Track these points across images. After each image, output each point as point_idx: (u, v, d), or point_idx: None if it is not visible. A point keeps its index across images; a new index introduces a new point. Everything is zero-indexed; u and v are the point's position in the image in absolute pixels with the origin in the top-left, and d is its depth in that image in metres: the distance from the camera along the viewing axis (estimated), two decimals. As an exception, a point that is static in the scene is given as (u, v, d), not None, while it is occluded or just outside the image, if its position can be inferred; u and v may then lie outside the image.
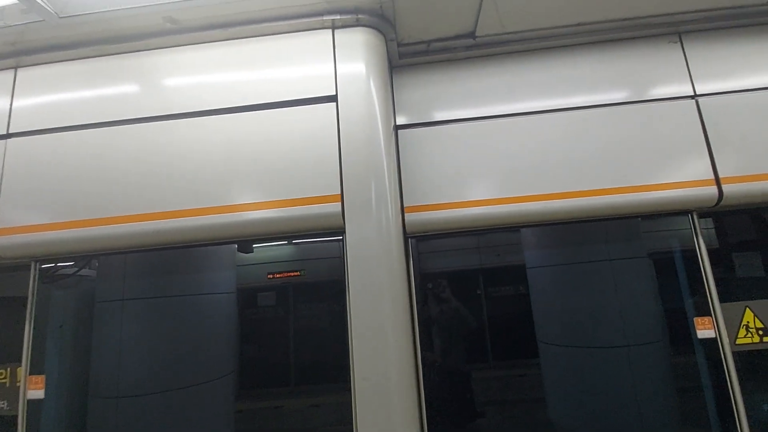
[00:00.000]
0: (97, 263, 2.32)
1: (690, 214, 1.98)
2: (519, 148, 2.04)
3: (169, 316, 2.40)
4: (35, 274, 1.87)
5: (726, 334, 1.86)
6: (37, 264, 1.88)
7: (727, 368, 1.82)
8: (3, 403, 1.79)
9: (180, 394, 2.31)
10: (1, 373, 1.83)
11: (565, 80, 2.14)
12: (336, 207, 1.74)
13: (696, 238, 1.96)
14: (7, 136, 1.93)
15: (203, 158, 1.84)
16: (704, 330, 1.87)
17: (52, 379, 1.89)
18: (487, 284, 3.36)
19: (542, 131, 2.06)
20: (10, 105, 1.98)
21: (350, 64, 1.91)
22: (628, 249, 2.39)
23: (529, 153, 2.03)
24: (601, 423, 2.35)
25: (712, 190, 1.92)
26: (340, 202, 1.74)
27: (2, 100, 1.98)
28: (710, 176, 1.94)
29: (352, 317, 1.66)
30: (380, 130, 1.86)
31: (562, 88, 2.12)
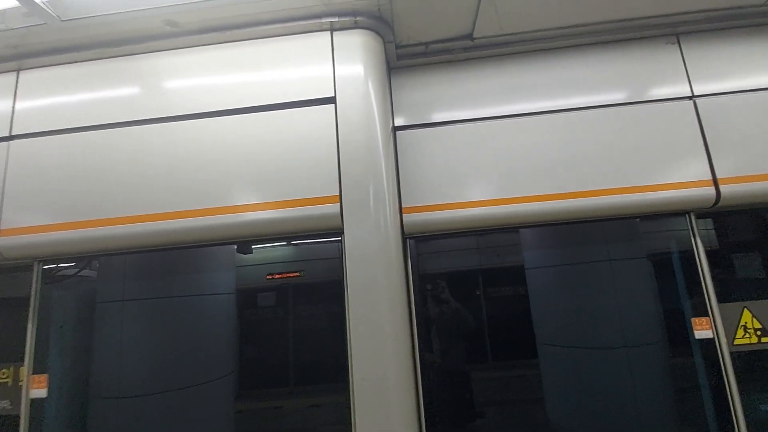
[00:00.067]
0: (97, 264, 2.37)
1: (688, 215, 2.00)
2: (517, 149, 2.07)
3: (169, 317, 2.44)
4: (38, 274, 1.92)
5: (724, 334, 1.88)
6: (40, 264, 1.93)
7: (725, 369, 1.85)
8: (6, 403, 1.83)
9: (180, 395, 2.35)
10: (4, 373, 1.87)
11: (563, 81, 2.17)
12: (334, 208, 1.78)
13: (694, 238, 1.98)
14: (10, 138, 1.98)
15: (203, 159, 1.88)
16: (702, 330, 1.90)
17: (52, 379, 1.93)
18: (487, 285, 3.39)
19: (540, 132, 2.09)
20: (13, 107, 2.03)
21: (348, 66, 1.95)
22: (627, 250, 2.42)
23: (526, 154, 2.06)
24: (600, 423, 2.38)
25: (710, 191, 1.95)
26: (339, 203, 1.78)
27: (5, 103, 2.04)
28: (708, 177, 1.97)
29: (350, 317, 1.70)
30: (378, 131, 1.89)
31: (560, 89, 2.16)
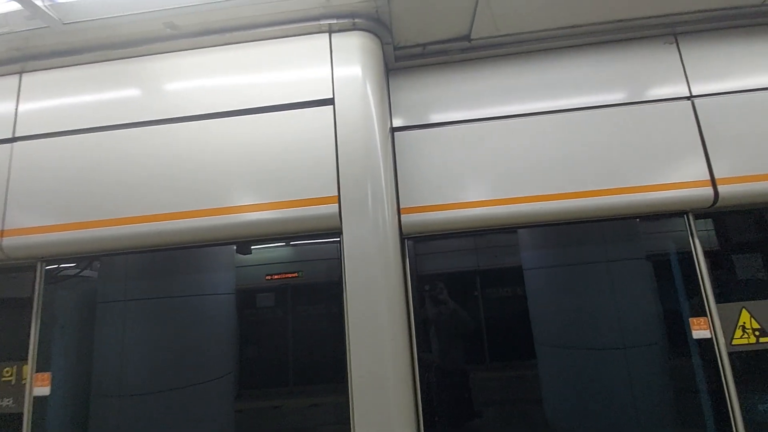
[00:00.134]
0: (98, 264, 2.42)
1: (686, 215, 2.03)
2: (515, 150, 2.10)
3: (170, 317, 2.49)
4: (41, 274, 1.97)
5: (722, 334, 1.91)
6: (43, 264, 1.98)
7: (723, 369, 1.87)
8: (9, 401, 1.88)
9: (180, 394, 2.40)
10: (7, 371, 1.92)
11: (560, 82, 2.20)
12: (333, 208, 1.82)
13: (692, 238, 2.01)
14: (14, 139, 2.04)
15: (203, 161, 1.93)
16: (700, 330, 1.93)
17: (54, 377, 1.97)
18: (485, 286, 3.43)
19: (538, 132, 2.12)
20: (16, 109, 2.08)
21: (347, 67, 1.98)
22: (626, 250, 2.44)
23: (524, 154, 2.09)
24: (598, 423, 2.41)
25: (708, 191, 1.97)
26: (337, 204, 1.82)
27: (8, 105, 2.09)
28: (706, 177, 1.99)
29: (349, 317, 1.73)
30: (376, 132, 1.93)
31: (558, 89, 2.19)
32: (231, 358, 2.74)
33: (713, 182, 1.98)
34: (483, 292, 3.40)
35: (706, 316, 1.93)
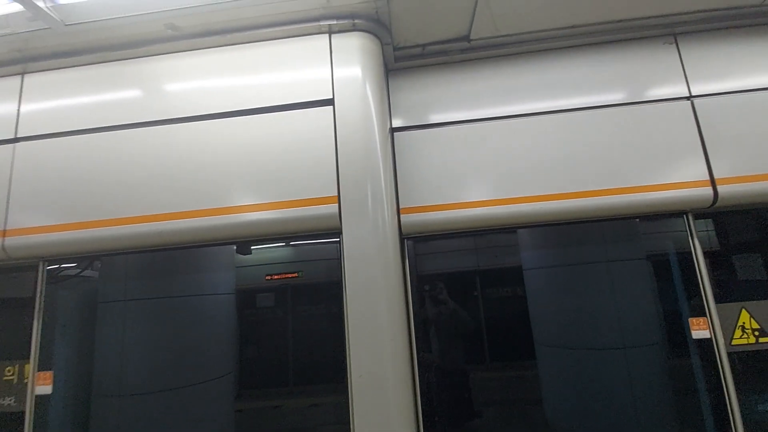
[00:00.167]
0: (99, 264, 2.44)
1: (685, 215, 2.05)
2: (514, 150, 2.12)
3: (170, 317, 2.51)
4: (43, 274, 1.99)
5: (721, 334, 1.92)
6: (45, 264, 2.01)
7: (722, 369, 1.89)
8: (11, 400, 1.91)
9: (180, 394, 2.42)
10: (9, 370, 1.94)
11: (560, 82, 2.22)
12: (333, 208, 1.84)
13: (691, 239, 2.03)
14: (16, 140, 2.06)
15: (204, 161, 1.95)
16: (699, 330, 1.94)
17: (55, 376, 2.00)
18: (484, 286, 3.45)
19: (537, 133, 2.14)
20: (18, 110, 2.11)
21: (347, 68, 2.01)
22: (626, 250, 2.46)
23: (524, 154, 2.11)
24: (598, 423, 2.42)
25: (707, 191, 1.99)
26: (337, 204, 1.84)
27: (10, 105, 2.12)
28: (705, 177, 2.01)
29: (349, 317, 1.75)
30: (376, 132, 1.95)
31: (558, 90, 2.20)
32: (231, 358, 2.77)
33: (713, 182, 1.99)
34: (483, 292, 3.42)
35: (706, 316, 1.94)
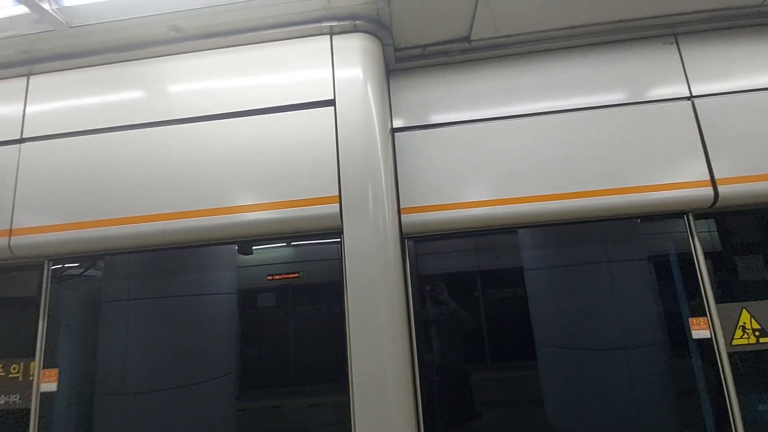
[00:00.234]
0: (102, 264, 2.50)
1: (686, 215, 2.08)
2: (515, 150, 2.16)
3: (172, 316, 2.56)
4: (48, 273, 2.05)
5: (722, 334, 1.95)
6: (50, 263, 2.06)
7: (723, 369, 1.92)
8: (16, 397, 1.97)
9: (182, 392, 2.47)
10: (14, 368, 2.00)
11: (560, 82, 2.25)
12: (334, 208, 1.88)
13: (692, 239, 2.06)
14: (21, 140, 2.12)
15: (206, 161, 2.00)
16: (699, 330, 1.97)
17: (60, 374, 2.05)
18: (485, 286, 3.48)
19: (538, 133, 2.17)
20: (24, 111, 2.17)
21: (348, 69, 2.05)
22: (627, 251, 2.49)
23: (524, 154, 2.14)
24: (599, 423, 2.45)
25: (708, 191, 2.02)
26: (338, 204, 1.88)
27: (16, 106, 2.18)
28: (706, 177, 2.04)
29: (350, 316, 1.79)
30: (377, 133, 1.99)
31: (558, 90, 2.24)
32: (232, 358, 2.82)
33: (713, 182, 2.02)
34: (484, 293, 3.46)
35: (706, 316, 1.97)
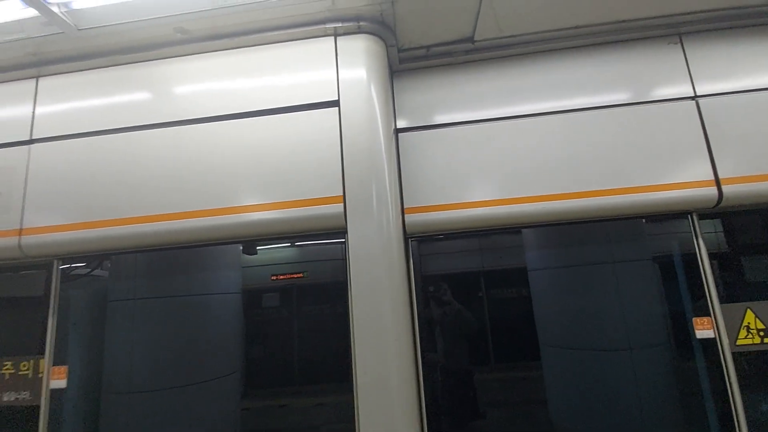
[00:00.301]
0: (109, 264, 2.57)
1: (690, 215, 2.10)
2: (519, 150, 2.19)
3: (178, 315, 2.62)
4: (57, 272, 2.11)
5: (726, 334, 1.98)
6: (59, 262, 2.12)
7: (727, 369, 1.94)
8: (26, 394, 2.03)
9: (188, 391, 2.53)
10: (24, 365, 2.07)
11: (564, 82, 2.28)
12: (338, 208, 1.92)
13: (696, 239, 2.08)
14: (31, 141, 2.19)
15: (212, 162, 2.05)
16: (703, 330, 2.00)
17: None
18: (489, 286, 3.52)
19: (542, 133, 2.21)
20: (33, 112, 2.23)
21: (352, 70, 2.10)
22: (631, 251, 2.52)
23: (528, 154, 2.18)
24: (602, 423, 2.48)
25: (712, 191, 2.04)
26: (343, 203, 1.92)
27: (26, 108, 2.24)
28: (710, 177, 2.06)
29: (354, 316, 1.82)
30: (381, 133, 2.04)
31: (562, 90, 2.27)
32: (237, 357, 2.87)
33: (717, 182, 2.05)
34: (488, 293, 3.49)
35: (710, 316, 2.00)
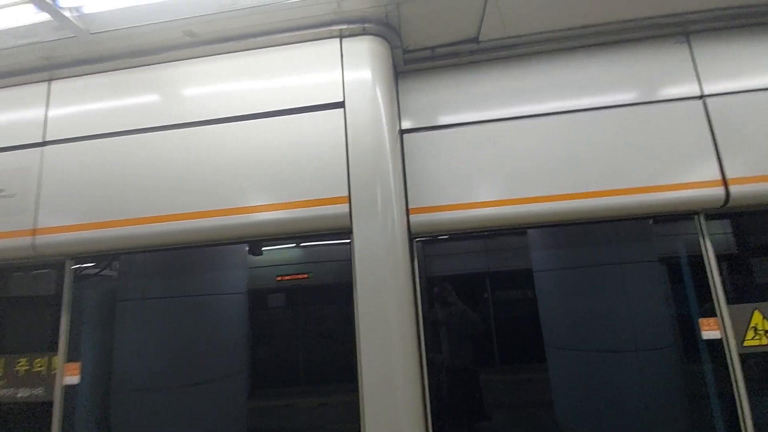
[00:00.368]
0: (119, 264, 2.65)
1: (697, 216, 2.12)
2: (524, 150, 2.22)
3: (185, 315, 2.70)
4: (70, 271, 2.19)
5: (733, 335, 2.00)
6: (71, 261, 2.21)
7: (734, 369, 1.96)
8: (40, 390, 2.12)
9: (194, 390, 2.60)
10: (38, 362, 2.16)
11: (570, 83, 2.31)
12: (344, 208, 1.97)
13: (703, 239, 2.10)
14: (44, 143, 2.27)
15: (220, 163, 2.11)
16: (710, 331, 2.02)
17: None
18: (494, 288, 3.55)
19: (547, 133, 2.23)
20: (46, 115, 2.32)
21: (357, 71, 2.15)
22: (638, 252, 2.54)
23: (534, 155, 2.21)
24: (609, 425, 2.51)
25: (719, 191, 2.06)
26: (348, 204, 1.97)
27: (38, 111, 2.32)
28: (717, 177, 2.08)
29: (359, 316, 1.87)
30: (386, 134, 2.08)
31: (567, 90, 2.30)
32: (243, 357, 2.94)
33: (725, 182, 2.06)
34: (493, 294, 3.52)
35: (716, 316, 2.02)
